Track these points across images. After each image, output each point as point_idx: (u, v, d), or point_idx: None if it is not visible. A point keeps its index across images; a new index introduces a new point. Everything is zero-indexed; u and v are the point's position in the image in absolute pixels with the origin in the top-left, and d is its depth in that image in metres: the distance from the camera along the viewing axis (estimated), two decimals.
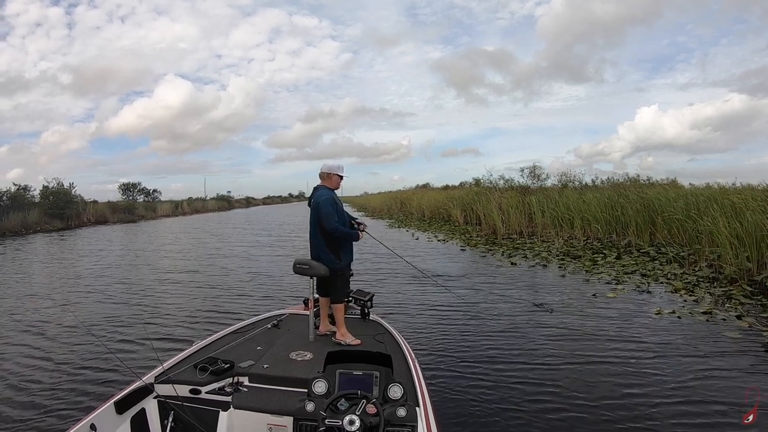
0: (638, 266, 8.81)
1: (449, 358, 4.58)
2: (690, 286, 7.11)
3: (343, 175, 3.85)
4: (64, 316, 6.48)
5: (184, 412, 2.51)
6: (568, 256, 10.41)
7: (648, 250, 10.42)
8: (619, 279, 7.82)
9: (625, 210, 12.49)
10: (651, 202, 11.99)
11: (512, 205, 15.14)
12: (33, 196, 25.92)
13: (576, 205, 13.69)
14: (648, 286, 7.29)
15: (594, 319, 5.71)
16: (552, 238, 13.23)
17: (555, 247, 11.68)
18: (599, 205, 13.17)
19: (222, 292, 7.94)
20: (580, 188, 17.44)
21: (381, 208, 34.25)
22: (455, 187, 29.69)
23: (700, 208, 10.07)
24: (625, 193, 13.62)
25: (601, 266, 8.99)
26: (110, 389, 3.68)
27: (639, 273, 8.27)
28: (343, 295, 3.73)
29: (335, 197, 3.74)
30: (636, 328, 5.29)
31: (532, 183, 20.30)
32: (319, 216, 3.60)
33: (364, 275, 8.65)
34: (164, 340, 5.30)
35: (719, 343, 4.76)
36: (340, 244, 3.71)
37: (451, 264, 10.15)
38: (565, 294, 7.04)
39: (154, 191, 43.18)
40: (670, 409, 3.40)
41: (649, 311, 5.93)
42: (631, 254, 10.21)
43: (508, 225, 14.94)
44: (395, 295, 7.32)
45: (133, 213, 34.12)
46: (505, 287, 7.68)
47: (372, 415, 2.07)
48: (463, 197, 19.86)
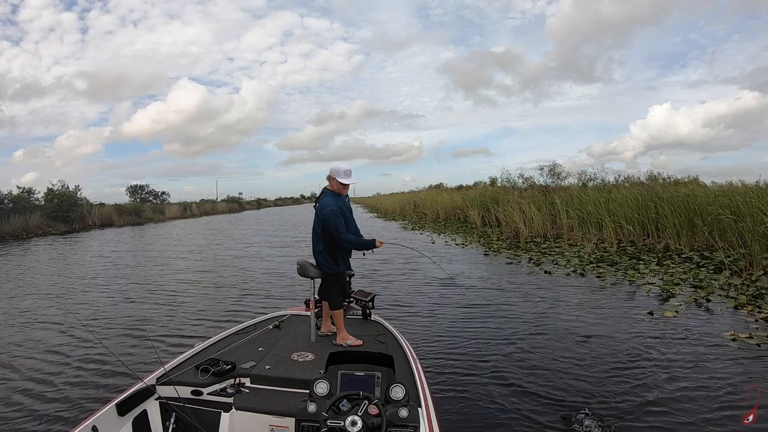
0: (686, 275, 7.86)
1: (451, 358, 4.56)
2: (753, 299, 6.16)
3: (343, 182, 3.54)
4: (65, 318, 6.44)
5: (185, 414, 2.51)
6: (602, 262, 9.44)
7: (690, 255, 9.45)
8: (670, 291, 6.87)
9: (660, 210, 11.51)
10: (689, 201, 11.00)
11: (535, 206, 14.20)
12: (37, 199, 25.52)
13: (605, 204, 12.72)
14: (707, 301, 6.34)
15: (653, 344, 4.78)
16: (580, 242, 12.29)
17: (586, 251, 10.72)
18: (631, 205, 12.20)
19: (223, 293, 7.94)
20: (602, 187, 16.44)
21: (394, 209, 33.39)
22: (469, 187, 28.74)
23: (742, 209, 9.11)
24: (658, 192, 12.66)
25: (644, 275, 8.05)
26: (112, 391, 3.69)
27: (689, 284, 7.32)
28: (339, 300, 3.60)
29: (341, 205, 3.57)
30: (713, 361, 4.33)
31: (552, 182, 19.44)
32: (329, 228, 3.50)
33: (364, 275, 8.27)
34: (165, 341, 5.30)
35: None
36: (340, 250, 3.61)
37: (477, 272, 9.26)
38: (614, 309, 6.10)
39: (163, 193, 42.95)
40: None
41: (720, 334, 4.96)
42: (672, 260, 9.24)
43: (530, 227, 14.00)
44: (395, 296, 7.23)
45: (140, 215, 33.53)
46: (538, 299, 6.84)
47: (374, 415, 2.05)
48: (481, 197, 18.94)
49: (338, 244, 3.57)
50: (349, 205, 3.73)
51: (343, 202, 3.60)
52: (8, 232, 21.16)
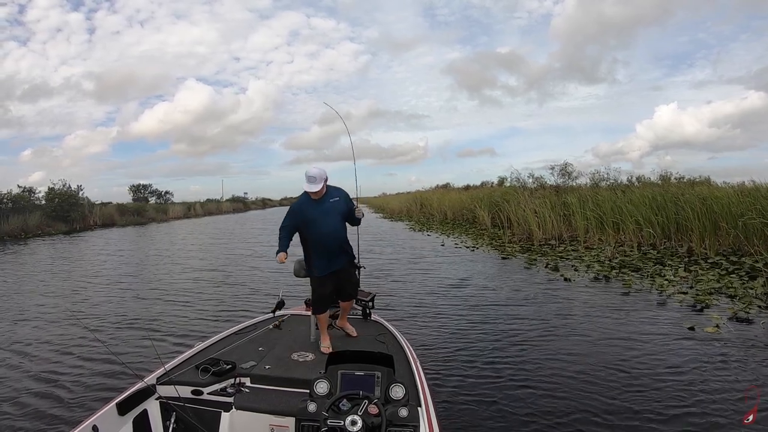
0: (718, 282, 7.31)
1: (451, 358, 4.55)
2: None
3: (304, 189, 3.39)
4: (65, 317, 6.44)
5: (186, 413, 2.51)
6: (625, 267, 8.86)
7: (717, 260, 8.90)
8: (703, 301, 6.33)
9: (682, 211, 10.95)
10: (713, 203, 10.42)
11: (548, 206, 13.66)
12: (38, 199, 25.18)
13: (623, 205, 12.15)
14: (747, 313, 5.79)
15: (697, 367, 4.26)
16: (597, 244, 11.74)
17: (605, 255, 10.17)
18: (650, 206, 11.63)
19: (223, 293, 7.96)
20: (616, 187, 15.85)
21: (400, 209, 32.86)
22: (477, 187, 28.17)
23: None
24: (675, 192, 12.10)
25: (673, 282, 7.50)
26: (112, 390, 3.63)
27: (723, 293, 6.77)
28: (316, 305, 3.51)
29: (299, 203, 3.50)
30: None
31: (563, 182, 18.89)
32: None
33: (364, 276, 7.86)
34: (166, 341, 5.30)
35: None
36: (312, 253, 3.49)
37: (491, 276, 8.73)
38: (645, 323, 5.59)
39: (166, 193, 42.56)
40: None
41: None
42: (699, 265, 8.68)
43: (544, 229, 13.46)
44: (396, 296, 7.23)
45: (143, 215, 33.12)
46: (550, 304, 6.50)
47: (374, 415, 2.03)
48: (490, 197, 18.40)
49: (309, 248, 3.50)
50: (326, 206, 3.45)
51: (304, 201, 3.46)
52: (6, 232, 20.77)
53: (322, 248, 3.45)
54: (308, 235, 3.47)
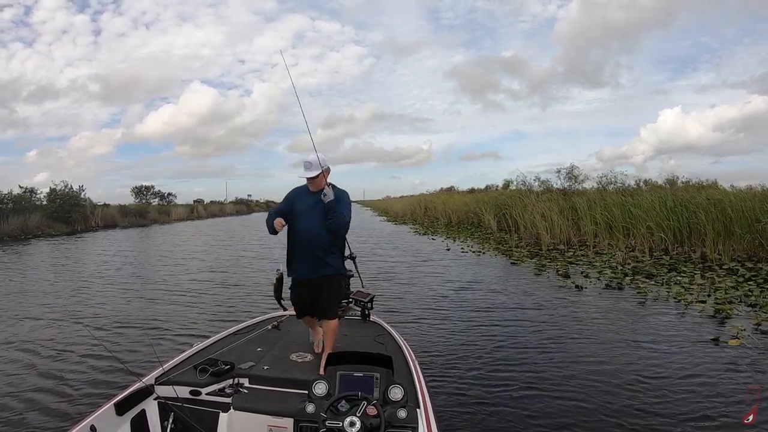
0: (737, 290, 7.04)
1: (450, 359, 4.53)
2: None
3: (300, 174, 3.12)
4: (64, 317, 6.45)
5: (184, 414, 2.50)
6: (638, 273, 8.60)
7: (733, 266, 8.63)
8: (723, 311, 6.06)
9: (695, 216, 10.69)
10: (727, 207, 10.15)
11: (556, 210, 13.40)
12: (39, 199, 25.05)
13: (633, 209, 11.89)
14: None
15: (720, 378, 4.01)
16: (607, 249, 11.48)
17: (616, 260, 9.90)
18: (661, 210, 11.37)
19: (222, 293, 7.97)
20: (624, 191, 15.57)
21: (404, 212, 32.63)
22: (482, 190, 27.92)
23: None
24: (684, 196, 11.84)
25: (690, 290, 7.22)
26: (110, 390, 3.64)
27: (742, 301, 6.52)
28: (295, 308, 3.27)
29: (292, 191, 3.27)
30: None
31: (570, 185, 18.62)
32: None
33: (365, 275, 7.81)
34: (164, 341, 5.29)
35: None
36: (291, 251, 3.17)
37: (496, 280, 8.49)
38: (664, 334, 5.32)
39: (169, 194, 42.37)
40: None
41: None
42: (714, 271, 8.42)
43: (552, 233, 13.20)
44: (397, 296, 7.22)
45: (145, 217, 32.96)
46: (557, 308, 6.40)
47: (372, 416, 2.03)
48: (496, 201, 18.15)
49: (290, 245, 3.18)
50: (318, 202, 3.08)
51: (301, 190, 3.21)
52: (6, 233, 20.60)
53: (300, 248, 3.10)
54: (291, 229, 3.15)
